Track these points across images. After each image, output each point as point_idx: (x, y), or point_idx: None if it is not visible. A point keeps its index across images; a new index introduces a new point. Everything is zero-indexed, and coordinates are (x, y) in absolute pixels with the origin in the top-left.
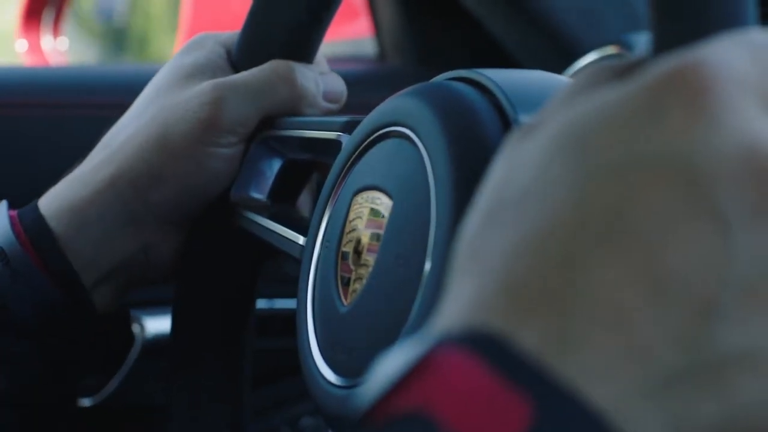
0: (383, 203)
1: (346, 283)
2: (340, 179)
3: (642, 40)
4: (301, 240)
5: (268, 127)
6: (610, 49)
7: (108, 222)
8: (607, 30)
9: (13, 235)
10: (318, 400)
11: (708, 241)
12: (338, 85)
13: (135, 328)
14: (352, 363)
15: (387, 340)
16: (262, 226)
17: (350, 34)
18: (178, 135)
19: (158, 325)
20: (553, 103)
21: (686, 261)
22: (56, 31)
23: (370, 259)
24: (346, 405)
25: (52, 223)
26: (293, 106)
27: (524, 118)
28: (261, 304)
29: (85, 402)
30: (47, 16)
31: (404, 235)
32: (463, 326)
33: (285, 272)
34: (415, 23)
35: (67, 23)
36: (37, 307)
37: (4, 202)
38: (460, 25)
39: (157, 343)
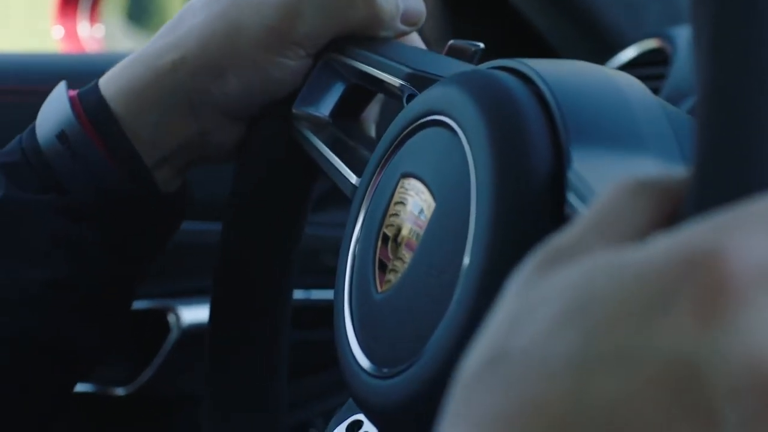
0: (426, 201)
1: (383, 269)
2: (385, 158)
3: (682, 34)
4: (354, 179)
5: (335, 49)
6: (651, 42)
7: (167, 106)
8: (648, 22)
9: (73, 116)
10: (349, 384)
11: None
12: (418, 6)
13: (170, 317)
14: (382, 351)
15: (414, 339)
16: (320, 152)
17: None
18: (246, 38)
19: (194, 315)
20: (578, 230)
21: None
22: (93, 17)
23: (406, 255)
24: (377, 392)
25: (112, 104)
26: (369, 27)
27: (567, 109)
28: (297, 294)
29: (119, 391)
30: (84, 3)
31: (441, 247)
32: None
33: (321, 262)
34: (456, 15)
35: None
36: (98, 189)
37: (63, 83)
38: (502, 18)
39: (193, 332)
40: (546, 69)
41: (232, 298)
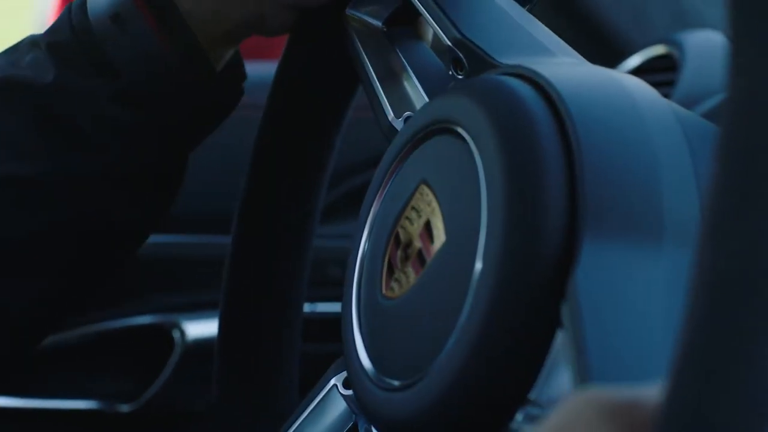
0: (438, 229)
1: (391, 272)
2: (399, 159)
3: (690, 39)
4: (390, 116)
5: None
6: (659, 48)
7: None
8: (654, 28)
9: None
10: (357, 394)
11: None
12: None
13: (175, 333)
14: (391, 361)
15: (422, 352)
16: (365, 73)
17: None
18: None
19: (198, 329)
20: None
21: None
22: None
23: (412, 275)
24: (387, 405)
25: None
26: None
27: (580, 123)
28: (304, 308)
29: (124, 408)
30: None
31: (444, 284)
32: None
33: (328, 275)
34: None
35: None
36: (152, 72)
37: None
38: None
39: (198, 348)
40: (554, 74)
41: (247, 271)
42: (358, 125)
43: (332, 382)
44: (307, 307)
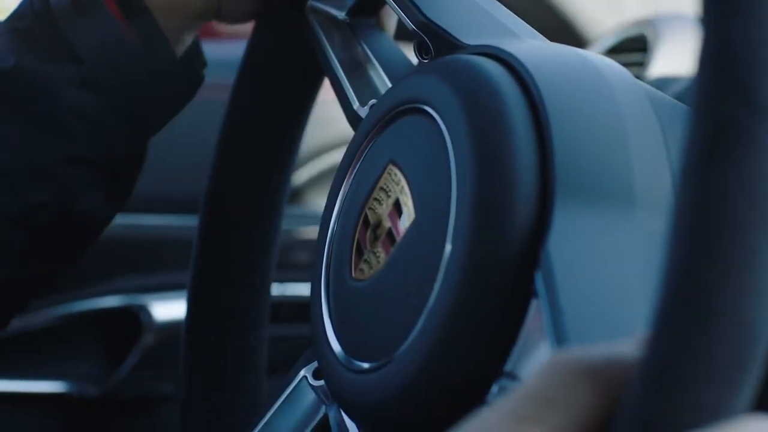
0: (408, 207)
1: (360, 254)
2: (369, 139)
3: (662, 21)
4: (356, 105)
5: None
6: (631, 30)
7: None
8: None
9: None
10: (326, 376)
11: None
12: None
13: (144, 316)
14: (360, 343)
15: (391, 334)
16: (329, 63)
17: None
18: None
19: (167, 312)
20: (511, 413)
21: None
22: None
23: (381, 254)
24: (355, 388)
25: None
26: None
27: (549, 100)
28: (273, 290)
29: (92, 391)
30: None
31: (414, 263)
32: None
33: (296, 258)
34: None
35: None
36: (114, 58)
37: None
38: None
39: (166, 330)
40: (526, 55)
41: (214, 250)
42: (325, 105)
43: (302, 373)
44: (276, 289)
